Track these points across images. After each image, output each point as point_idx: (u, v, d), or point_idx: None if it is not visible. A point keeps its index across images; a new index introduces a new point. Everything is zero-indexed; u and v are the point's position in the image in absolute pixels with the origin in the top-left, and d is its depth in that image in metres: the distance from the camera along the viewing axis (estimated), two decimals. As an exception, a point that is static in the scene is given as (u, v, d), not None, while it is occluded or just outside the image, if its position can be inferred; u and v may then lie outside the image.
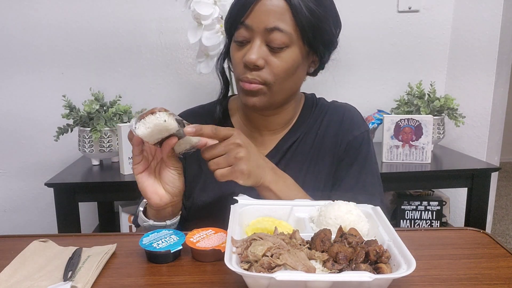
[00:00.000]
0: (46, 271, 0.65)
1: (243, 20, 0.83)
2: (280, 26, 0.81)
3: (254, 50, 0.83)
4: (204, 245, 0.70)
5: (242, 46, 0.86)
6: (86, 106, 1.66)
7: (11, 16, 1.91)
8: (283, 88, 0.88)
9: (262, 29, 0.82)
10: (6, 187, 2.08)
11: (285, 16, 0.82)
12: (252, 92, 0.86)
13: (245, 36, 0.85)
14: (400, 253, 0.61)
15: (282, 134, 0.98)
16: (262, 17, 0.82)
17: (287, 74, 0.86)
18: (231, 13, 0.87)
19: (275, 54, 0.84)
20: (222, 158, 0.78)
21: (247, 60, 0.83)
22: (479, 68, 2.02)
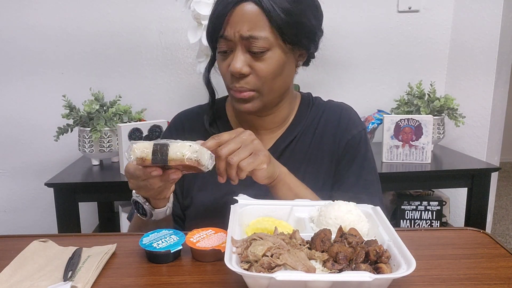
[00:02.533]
0: (46, 271, 0.65)
1: (221, 32, 0.84)
2: (254, 34, 0.82)
3: (237, 59, 0.84)
4: (204, 245, 0.70)
5: (226, 56, 0.87)
6: (86, 106, 1.66)
7: (11, 16, 1.91)
8: (274, 89, 0.89)
9: (238, 38, 0.83)
10: (6, 187, 2.08)
11: (260, 22, 0.82)
12: (244, 100, 0.88)
13: (226, 46, 0.85)
14: (400, 253, 0.61)
15: (279, 133, 0.99)
16: (237, 27, 0.82)
17: (274, 76, 0.87)
18: (209, 27, 0.87)
19: (258, 59, 0.84)
20: (241, 150, 0.77)
21: (232, 70, 0.84)
22: (479, 68, 2.02)
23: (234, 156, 0.76)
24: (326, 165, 0.97)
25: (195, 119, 1.02)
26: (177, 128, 1.03)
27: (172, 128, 1.05)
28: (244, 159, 0.76)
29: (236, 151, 0.76)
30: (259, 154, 0.78)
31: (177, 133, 1.01)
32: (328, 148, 0.98)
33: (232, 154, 0.76)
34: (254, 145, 0.79)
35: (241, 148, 0.77)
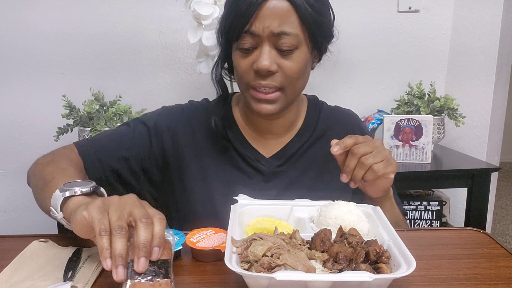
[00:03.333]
0: (46, 271, 0.65)
1: (247, 28, 0.80)
2: (286, 30, 0.79)
3: (266, 56, 0.80)
4: (204, 245, 0.70)
5: (248, 53, 0.83)
6: (86, 106, 1.66)
7: (11, 16, 1.91)
8: (296, 90, 0.88)
9: (268, 34, 0.79)
10: (6, 187, 2.07)
11: (290, 17, 0.79)
12: (267, 101, 0.84)
13: (251, 43, 0.81)
14: (400, 253, 0.61)
15: (286, 137, 0.97)
16: (267, 22, 0.79)
17: (299, 75, 0.85)
18: (230, 22, 0.82)
19: (286, 57, 0.82)
20: (375, 153, 0.77)
21: (260, 67, 0.80)
22: (479, 68, 2.02)
23: (369, 157, 0.76)
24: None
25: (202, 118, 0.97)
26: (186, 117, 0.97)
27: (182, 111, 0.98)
28: (377, 163, 0.76)
29: (370, 153, 0.76)
30: (391, 163, 0.78)
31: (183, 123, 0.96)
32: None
33: (367, 155, 0.76)
34: (386, 153, 0.79)
35: (374, 152, 0.77)
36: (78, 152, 0.91)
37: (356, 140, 0.77)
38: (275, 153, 0.95)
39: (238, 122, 0.97)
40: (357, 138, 0.78)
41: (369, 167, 0.76)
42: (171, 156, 0.94)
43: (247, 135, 0.96)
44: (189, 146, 0.94)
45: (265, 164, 0.94)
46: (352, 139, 0.77)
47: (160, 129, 0.94)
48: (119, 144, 0.92)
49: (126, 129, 0.95)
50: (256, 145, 0.95)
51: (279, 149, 0.96)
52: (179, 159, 0.94)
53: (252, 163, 0.94)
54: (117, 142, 0.93)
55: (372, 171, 0.76)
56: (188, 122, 0.97)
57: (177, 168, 0.94)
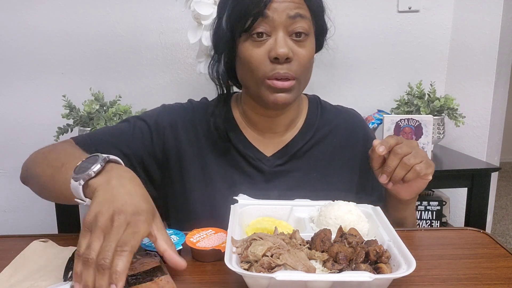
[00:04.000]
0: (46, 271, 0.65)
1: (263, 11, 0.79)
2: (301, 13, 0.81)
3: (282, 42, 0.80)
4: (204, 245, 0.70)
5: (261, 42, 0.81)
6: (86, 106, 1.66)
7: (11, 17, 1.91)
8: (306, 80, 0.88)
9: (284, 19, 0.80)
10: (6, 187, 2.07)
11: (302, 3, 0.82)
12: (283, 89, 0.83)
13: (265, 29, 0.80)
14: (400, 253, 0.61)
15: (288, 136, 0.96)
16: (282, 6, 0.80)
17: (310, 64, 0.86)
18: (241, 9, 0.80)
19: (300, 44, 0.82)
20: (416, 154, 0.77)
21: (279, 53, 0.79)
22: (479, 68, 2.02)
23: (410, 157, 0.76)
24: (346, 176, 0.96)
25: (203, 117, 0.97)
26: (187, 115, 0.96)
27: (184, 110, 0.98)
28: (419, 163, 0.77)
29: (410, 154, 0.77)
30: (430, 164, 0.79)
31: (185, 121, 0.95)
32: (348, 161, 0.97)
33: (408, 156, 0.76)
34: (424, 154, 0.79)
35: (414, 152, 0.77)
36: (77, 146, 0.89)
37: (397, 140, 0.77)
38: (276, 152, 0.94)
39: (238, 121, 0.96)
40: (398, 138, 0.78)
41: (411, 167, 0.76)
42: (172, 154, 0.94)
43: (248, 134, 0.95)
44: (189, 144, 0.94)
45: (266, 163, 0.93)
46: (394, 139, 0.77)
47: (162, 126, 0.94)
48: (119, 140, 0.91)
49: (126, 125, 0.94)
50: (256, 144, 0.95)
51: (280, 147, 0.95)
52: (179, 157, 0.94)
53: (253, 162, 0.93)
54: (117, 138, 0.92)
55: (414, 171, 0.77)
56: (189, 120, 0.96)
57: (178, 166, 0.94)
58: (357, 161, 0.98)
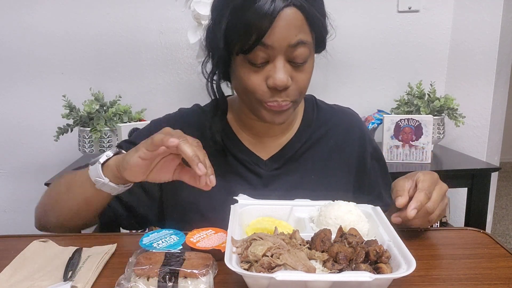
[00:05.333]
0: (46, 271, 0.65)
1: (263, 40, 0.74)
2: (303, 39, 0.76)
3: (282, 71, 0.76)
4: (204, 245, 0.70)
5: (260, 68, 0.78)
6: (86, 106, 1.66)
7: (11, 16, 1.91)
8: (302, 98, 0.87)
9: (285, 47, 0.75)
10: (6, 187, 2.08)
11: (304, 26, 0.76)
12: (280, 112, 0.81)
13: (264, 57, 0.76)
14: (400, 253, 0.61)
15: (284, 139, 0.95)
16: (284, 33, 0.74)
17: (308, 84, 0.83)
18: (238, 30, 0.75)
19: (299, 69, 0.79)
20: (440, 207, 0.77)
21: (278, 84, 0.76)
22: (479, 68, 2.02)
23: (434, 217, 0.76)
24: (343, 175, 0.95)
25: (196, 122, 0.95)
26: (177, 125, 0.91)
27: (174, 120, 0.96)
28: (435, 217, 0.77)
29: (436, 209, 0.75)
30: (444, 212, 0.79)
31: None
32: (345, 159, 0.96)
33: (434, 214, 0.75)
34: (445, 202, 0.78)
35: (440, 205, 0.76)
36: None
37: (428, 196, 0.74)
38: (273, 155, 0.93)
39: (233, 126, 0.95)
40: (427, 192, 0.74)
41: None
42: None
43: (243, 139, 0.94)
44: None
45: (263, 167, 0.92)
46: (425, 196, 0.73)
47: None
48: None
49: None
50: (253, 148, 0.93)
51: (277, 151, 0.94)
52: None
53: (250, 166, 0.92)
54: None
55: (427, 224, 0.77)
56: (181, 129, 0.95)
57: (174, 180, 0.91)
58: (354, 161, 0.97)
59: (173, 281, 0.59)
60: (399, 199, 0.74)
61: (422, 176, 0.77)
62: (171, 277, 0.59)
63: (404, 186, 0.77)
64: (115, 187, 0.78)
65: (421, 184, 0.75)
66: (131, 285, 0.59)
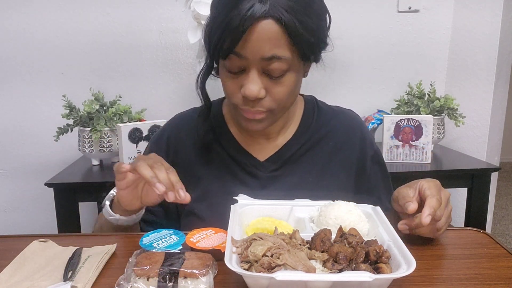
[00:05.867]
0: (46, 271, 0.65)
1: (236, 49, 0.73)
2: (278, 54, 0.73)
3: (254, 83, 0.75)
4: (204, 245, 0.70)
5: (236, 75, 0.77)
6: (86, 106, 1.66)
7: (11, 16, 1.91)
8: (286, 107, 0.84)
9: (258, 59, 0.73)
10: (6, 187, 2.08)
11: (281, 41, 0.72)
12: (256, 120, 0.81)
13: (238, 65, 0.75)
14: (400, 253, 0.61)
15: (281, 140, 0.94)
16: (256, 46, 0.72)
17: (289, 97, 0.81)
18: (217, 38, 0.74)
19: (275, 81, 0.77)
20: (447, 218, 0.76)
21: (248, 94, 0.75)
22: (479, 68, 2.02)
23: (443, 226, 0.75)
24: (342, 178, 0.94)
25: (190, 124, 0.96)
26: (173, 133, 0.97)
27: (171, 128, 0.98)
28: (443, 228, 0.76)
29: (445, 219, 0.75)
30: (449, 224, 0.78)
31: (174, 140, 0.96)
32: (345, 160, 0.95)
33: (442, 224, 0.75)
34: (450, 216, 0.78)
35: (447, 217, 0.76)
36: None
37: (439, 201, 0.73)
38: (269, 157, 0.92)
39: (230, 127, 0.95)
40: (438, 198, 0.74)
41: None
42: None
43: (240, 139, 0.93)
44: (183, 161, 0.93)
45: (260, 168, 0.92)
46: (437, 202, 0.72)
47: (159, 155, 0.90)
48: None
49: None
50: (250, 149, 0.93)
51: (274, 152, 0.93)
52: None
53: (247, 168, 0.91)
54: None
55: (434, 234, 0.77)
56: (178, 137, 0.95)
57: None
58: (354, 163, 0.96)
59: (173, 281, 0.59)
60: (411, 204, 0.73)
61: (426, 184, 0.76)
62: (171, 277, 0.59)
63: (408, 194, 0.76)
64: (126, 219, 0.84)
65: (429, 191, 0.74)
66: (131, 285, 0.59)
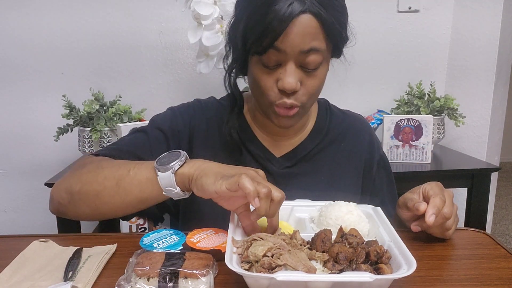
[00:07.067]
0: (46, 271, 0.65)
1: (276, 44, 0.75)
2: (316, 46, 0.77)
3: (292, 75, 0.78)
4: (205, 245, 0.70)
5: (272, 70, 0.80)
6: (86, 106, 1.66)
7: (11, 16, 1.91)
8: (313, 102, 0.88)
9: (297, 52, 0.77)
10: (6, 187, 2.08)
11: (319, 34, 0.77)
12: (288, 116, 0.83)
13: (276, 60, 0.78)
14: (401, 254, 0.61)
15: (297, 139, 0.96)
16: (297, 40, 0.75)
17: (320, 90, 0.85)
18: (254, 33, 0.77)
19: (310, 74, 0.80)
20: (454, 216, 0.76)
21: (286, 87, 0.78)
22: (479, 68, 2.02)
23: (451, 224, 0.76)
24: (351, 180, 0.97)
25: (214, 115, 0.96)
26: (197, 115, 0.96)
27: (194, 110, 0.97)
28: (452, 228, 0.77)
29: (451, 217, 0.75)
30: (456, 223, 0.79)
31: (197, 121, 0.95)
32: (355, 166, 0.98)
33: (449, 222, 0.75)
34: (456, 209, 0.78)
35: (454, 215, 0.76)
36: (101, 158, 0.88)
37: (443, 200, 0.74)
38: (285, 153, 0.95)
39: (249, 121, 0.97)
40: (441, 197, 0.75)
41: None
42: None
43: (258, 134, 0.96)
44: (202, 145, 0.94)
45: (275, 164, 0.94)
46: (440, 200, 0.73)
47: (177, 130, 0.93)
48: (140, 151, 0.91)
49: (143, 135, 0.94)
50: (266, 144, 0.95)
51: (290, 150, 0.95)
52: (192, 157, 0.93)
53: (262, 162, 0.93)
54: (138, 149, 0.91)
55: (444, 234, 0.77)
56: (200, 120, 0.96)
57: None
58: (361, 165, 0.99)
59: (173, 282, 0.59)
60: (421, 205, 0.73)
61: (429, 186, 0.79)
62: (171, 278, 0.59)
63: (414, 197, 0.78)
64: (182, 195, 0.75)
65: (433, 191, 0.76)
66: (131, 285, 0.59)
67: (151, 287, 0.58)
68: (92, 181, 0.79)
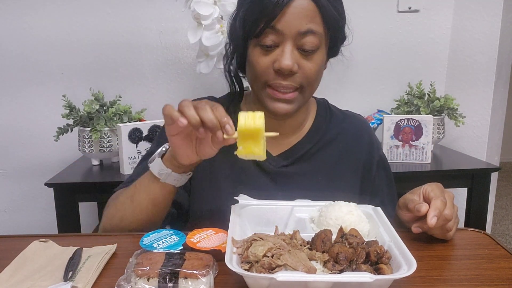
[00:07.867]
0: (46, 271, 0.65)
1: (273, 24, 0.78)
2: (313, 28, 0.79)
3: (288, 56, 0.79)
4: (205, 245, 0.70)
5: (268, 51, 0.81)
6: (86, 106, 1.66)
7: (11, 16, 1.91)
8: (312, 90, 0.88)
9: (294, 33, 0.79)
10: (6, 187, 2.07)
11: (316, 17, 0.79)
12: (285, 100, 0.84)
13: (274, 40, 0.80)
14: (401, 254, 0.61)
15: (294, 138, 0.96)
16: (294, 21, 0.78)
17: (317, 76, 0.85)
18: (255, 17, 0.80)
19: (307, 57, 0.81)
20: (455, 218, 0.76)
21: (283, 67, 0.79)
22: (479, 68, 2.02)
23: (452, 226, 0.76)
24: (350, 180, 0.97)
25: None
26: None
27: None
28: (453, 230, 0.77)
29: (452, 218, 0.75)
30: (457, 224, 0.79)
31: None
32: (353, 167, 0.97)
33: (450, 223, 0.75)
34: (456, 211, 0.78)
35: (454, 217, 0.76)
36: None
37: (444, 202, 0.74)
38: (282, 152, 0.95)
39: None
40: (443, 199, 0.75)
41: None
42: None
43: None
44: None
45: (271, 162, 0.93)
46: (442, 203, 0.73)
47: None
48: None
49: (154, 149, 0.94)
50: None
51: (287, 149, 0.95)
52: None
53: (259, 161, 0.92)
54: None
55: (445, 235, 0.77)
56: None
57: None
58: (360, 165, 0.98)
59: (173, 282, 0.59)
60: (422, 206, 0.73)
61: (429, 187, 0.78)
62: (171, 278, 0.59)
63: (414, 199, 0.78)
64: (178, 176, 0.79)
65: (434, 193, 0.76)
66: (131, 285, 0.59)
67: (151, 287, 0.58)
68: (114, 213, 0.86)
